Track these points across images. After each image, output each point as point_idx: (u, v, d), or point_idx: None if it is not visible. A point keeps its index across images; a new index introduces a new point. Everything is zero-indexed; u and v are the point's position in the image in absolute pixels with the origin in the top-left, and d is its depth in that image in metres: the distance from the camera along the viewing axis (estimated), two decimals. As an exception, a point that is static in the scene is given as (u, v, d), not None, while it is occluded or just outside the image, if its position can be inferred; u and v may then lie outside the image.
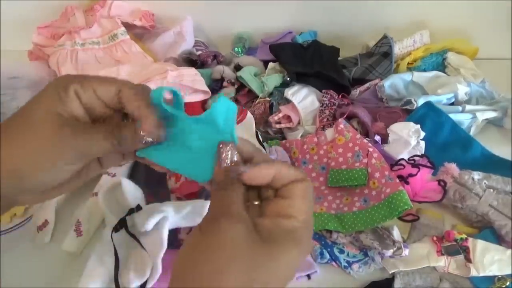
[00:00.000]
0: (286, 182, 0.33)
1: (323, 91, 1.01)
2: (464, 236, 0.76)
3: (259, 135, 0.95)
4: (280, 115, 0.99)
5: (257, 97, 1.05)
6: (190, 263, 0.29)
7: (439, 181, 0.79)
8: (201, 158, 0.34)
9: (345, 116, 0.96)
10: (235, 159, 0.33)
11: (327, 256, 0.76)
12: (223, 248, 0.28)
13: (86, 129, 0.34)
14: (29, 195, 0.36)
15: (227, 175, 0.32)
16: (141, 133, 0.34)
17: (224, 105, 0.32)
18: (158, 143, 0.35)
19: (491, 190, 0.79)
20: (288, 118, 1.00)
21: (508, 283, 0.72)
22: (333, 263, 0.76)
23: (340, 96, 1.01)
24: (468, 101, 1.02)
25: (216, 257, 0.28)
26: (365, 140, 0.87)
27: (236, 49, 1.20)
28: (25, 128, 0.32)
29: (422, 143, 0.89)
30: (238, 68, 1.10)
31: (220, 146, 0.33)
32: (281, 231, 0.31)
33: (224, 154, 0.32)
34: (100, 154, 0.36)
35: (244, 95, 1.07)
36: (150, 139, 0.34)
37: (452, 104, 1.02)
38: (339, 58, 1.14)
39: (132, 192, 0.77)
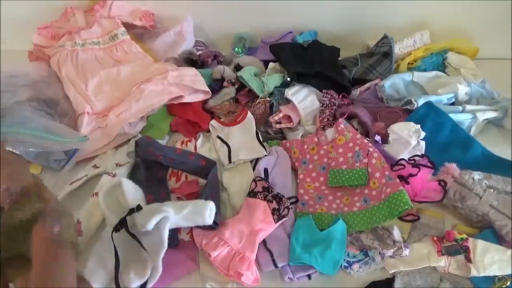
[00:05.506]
0: None
1: (323, 91, 1.01)
2: (464, 236, 0.76)
3: (259, 135, 0.95)
4: (281, 115, 0.99)
5: (257, 97, 1.05)
6: None
7: (439, 181, 0.79)
8: None
9: (345, 116, 0.96)
10: None
11: (328, 256, 0.76)
12: None
13: None
14: None
15: None
16: None
17: None
18: None
19: (492, 190, 0.79)
20: (288, 118, 1.00)
21: (508, 283, 0.72)
22: (334, 263, 0.76)
23: (340, 96, 1.01)
24: (468, 101, 1.02)
25: None
26: (365, 140, 0.87)
27: (236, 49, 1.20)
28: None
29: (423, 143, 0.89)
30: (238, 68, 1.10)
31: None
32: None
33: None
34: None
35: (245, 95, 1.07)
36: None
37: (453, 104, 1.01)
38: (339, 58, 1.14)
39: (133, 192, 0.77)
